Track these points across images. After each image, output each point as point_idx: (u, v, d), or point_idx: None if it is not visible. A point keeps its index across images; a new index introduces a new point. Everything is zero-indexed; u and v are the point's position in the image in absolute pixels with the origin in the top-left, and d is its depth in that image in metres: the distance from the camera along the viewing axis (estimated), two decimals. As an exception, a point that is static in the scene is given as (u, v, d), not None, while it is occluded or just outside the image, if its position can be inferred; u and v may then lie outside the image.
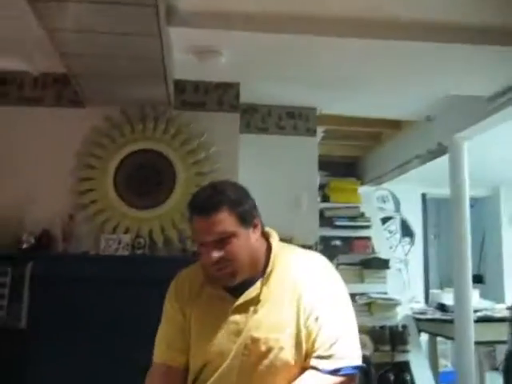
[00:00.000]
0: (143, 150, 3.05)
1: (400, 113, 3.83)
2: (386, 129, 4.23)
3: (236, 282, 1.57)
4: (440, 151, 3.72)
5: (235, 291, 1.59)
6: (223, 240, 1.52)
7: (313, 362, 1.51)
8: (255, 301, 1.56)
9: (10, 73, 3.12)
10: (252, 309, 1.56)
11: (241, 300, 1.58)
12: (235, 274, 1.55)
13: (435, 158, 3.87)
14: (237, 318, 1.56)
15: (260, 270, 1.59)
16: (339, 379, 1.48)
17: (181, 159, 3.02)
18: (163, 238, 2.93)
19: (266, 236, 1.67)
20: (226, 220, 1.53)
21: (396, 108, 3.68)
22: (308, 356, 1.54)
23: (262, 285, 1.58)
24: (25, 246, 2.84)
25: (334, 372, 1.47)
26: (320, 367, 1.49)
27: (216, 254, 1.52)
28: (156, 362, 1.69)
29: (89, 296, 2.75)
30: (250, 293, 1.58)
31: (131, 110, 3.10)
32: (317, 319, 1.51)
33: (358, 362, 1.51)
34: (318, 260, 1.66)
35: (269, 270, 1.59)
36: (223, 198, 1.56)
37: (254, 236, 1.61)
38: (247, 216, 1.58)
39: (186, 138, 3.06)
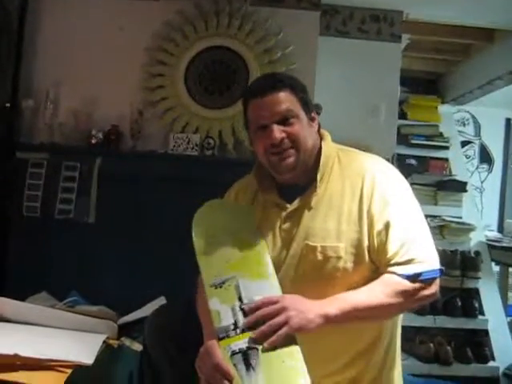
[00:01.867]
0: (216, 47, 2.89)
1: (496, 20, 3.45)
2: (476, 40, 3.86)
3: (293, 173, 1.47)
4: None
5: (288, 197, 1.50)
6: (286, 121, 1.44)
7: (390, 269, 1.38)
8: (308, 206, 1.45)
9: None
10: (306, 215, 1.46)
11: (293, 206, 1.48)
12: (296, 163, 1.46)
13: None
14: (289, 225, 1.47)
15: (314, 172, 1.48)
16: (421, 285, 1.36)
17: (255, 58, 2.84)
18: (234, 139, 2.80)
19: (319, 137, 1.56)
20: (288, 99, 1.44)
21: (492, 13, 3.31)
22: (378, 265, 1.42)
23: (316, 188, 1.47)
24: (93, 141, 2.80)
25: (415, 277, 1.35)
26: (399, 272, 1.35)
27: (279, 134, 1.43)
28: None
29: (155, 195, 2.72)
30: (303, 198, 1.48)
31: (205, 4, 2.92)
32: (387, 225, 1.39)
33: (438, 265, 1.39)
34: (378, 160, 1.53)
35: (321, 171, 1.48)
36: (285, 79, 1.47)
37: (313, 130, 1.50)
38: (308, 103, 1.48)
39: (262, 35, 2.87)
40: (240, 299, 1.39)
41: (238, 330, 1.34)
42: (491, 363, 3.41)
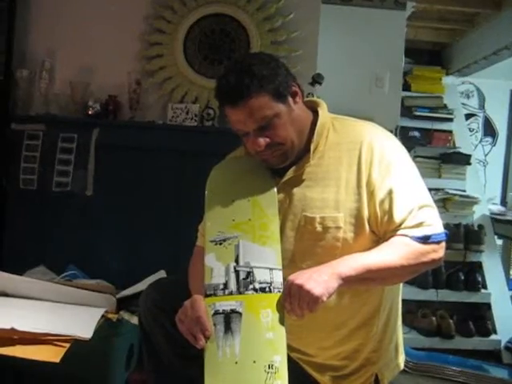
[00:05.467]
0: (216, 15, 2.79)
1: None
2: (482, 9, 3.77)
3: (289, 162, 1.44)
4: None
5: (281, 168, 1.47)
6: (265, 125, 1.37)
7: (399, 232, 1.37)
8: (302, 177, 1.43)
9: None
10: (301, 186, 1.44)
11: (286, 177, 1.45)
12: (287, 155, 1.43)
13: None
14: (282, 196, 1.44)
15: (308, 143, 1.44)
16: (430, 247, 1.34)
17: (256, 26, 2.74)
18: (234, 110, 2.73)
19: (312, 106, 1.50)
20: (261, 104, 1.35)
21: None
22: (382, 234, 1.40)
23: (310, 159, 1.43)
24: (90, 112, 2.73)
25: (425, 239, 1.34)
26: (410, 234, 1.34)
27: (262, 142, 1.38)
28: (198, 245, 1.62)
29: (154, 166, 2.68)
30: (297, 168, 1.45)
31: (203, -31, 2.82)
32: (390, 192, 1.36)
33: (443, 228, 1.38)
34: (374, 127, 1.49)
35: (315, 141, 1.43)
36: (251, 79, 1.35)
37: (297, 106, 1.43)
38: (283, 88, 1.39)
39: (263, 2, 2.77)
40: (237, 260, 1.36)
41: (227, 291, 1.32)
42: (493, 336, 3.43)
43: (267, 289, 1.32)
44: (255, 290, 1.32)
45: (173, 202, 2.66)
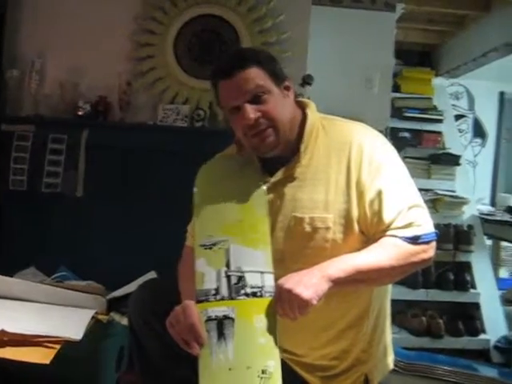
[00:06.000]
0: (206, 16, 2.80)
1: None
2: (472, 10, 3.80)
3: (276, 151, 1.43)
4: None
5: (272, 168, 1.47)
6: (257, 99, 1.38)
7: (389, 233, 1.36)
8: (292, 178, 1.42)
9: None
10: (291, 187, 1.43)
11: (275, 177, 1.45)
12: (278, 137, 1.41)
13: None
14: (272, 197, 1.44)
15: (297, 143, 1.44)
16: (420, 247, 1.35)
17: (246, 27, 2.76)
18: (224, 110, 2.74)
19: (301, 106, 1.51)
20: (256, 75, 1.38)
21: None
22: (371, 235, 1.40)
23: (300, 159, 1.43)
24: (80, 112, 2.72)
25: (415, 239, 1.33)
26: (399, 235, 1.34)
27: (253, 114, 1.37)
28: (187, 245, 1.61)
29: (144, 167, 2.68)
30: (287, 169, 1.45)
31: (194, -30, 2.83)
32: (379, 193, 1.36)
33: (433, 228, 1.38)
34: (364, 127, 1.50)
35: (305, 141, 1.43)
36: (250, 55, 1.41)
37: (289, 100, 1.44)
38: (279, 73, 1.42)
39: (253, 3, 2.78)
40: (228, 265, 1.35)
41: (218, 297, 1.32)
42: (482, 336, 3.44)
43: (258, 293, 1.31)
44: (247, 294, 1.31)
45: (163, 202, 2.66)
